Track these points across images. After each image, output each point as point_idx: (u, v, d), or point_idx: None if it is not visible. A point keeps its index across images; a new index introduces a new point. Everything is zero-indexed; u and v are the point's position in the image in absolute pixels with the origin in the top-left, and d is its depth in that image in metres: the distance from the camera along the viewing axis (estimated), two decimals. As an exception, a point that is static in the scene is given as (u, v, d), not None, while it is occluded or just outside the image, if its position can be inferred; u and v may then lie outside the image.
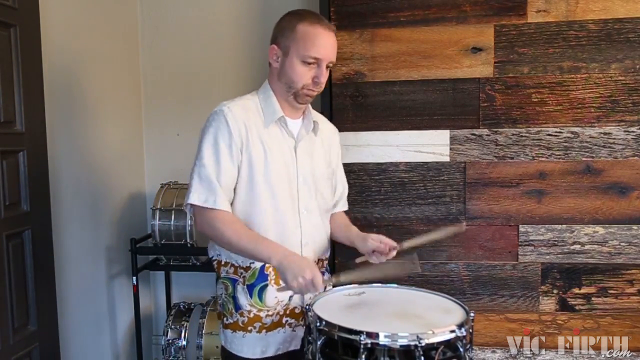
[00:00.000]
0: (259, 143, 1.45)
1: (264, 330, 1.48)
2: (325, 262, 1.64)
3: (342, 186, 1.74)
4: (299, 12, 1.48)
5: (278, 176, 1.47)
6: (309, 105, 1.56)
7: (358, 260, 1.58)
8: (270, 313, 1.49)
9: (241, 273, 1.49)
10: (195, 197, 1.41)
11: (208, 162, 1.41)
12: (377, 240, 1.53)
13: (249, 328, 1.48)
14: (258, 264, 1.47)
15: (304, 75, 1.44)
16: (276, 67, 1.48)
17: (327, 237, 1.63)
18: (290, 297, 1.50)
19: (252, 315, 1.48)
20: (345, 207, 1.75)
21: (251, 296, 1.48)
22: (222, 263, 1.53)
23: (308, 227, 1.52)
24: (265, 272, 1.48)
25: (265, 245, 1.39)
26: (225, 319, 1.52)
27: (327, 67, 1.46)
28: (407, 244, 1.53)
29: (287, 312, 1.50)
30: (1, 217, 1.72)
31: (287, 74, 1.45)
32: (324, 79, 1.46)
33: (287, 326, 1.50)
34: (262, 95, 1.52)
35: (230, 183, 1.44)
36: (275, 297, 1.48)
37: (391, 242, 1.52)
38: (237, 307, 1.49)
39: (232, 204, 1.46)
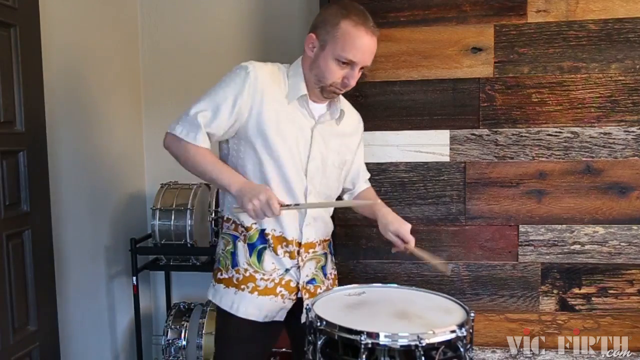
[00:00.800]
0: (274, 114, 1.44)
1: (256, 292, 1.49)
2: (328, 243, 1.65)
3: (364, 170, 1.76)
4: (346, 7, 1.43)
5: (287, 150, 1.45)
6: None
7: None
8: (265, 277, 1.49)
9: (242, 231, 1.50)
10: (179, 130, 1.44)
11: (207, 107, 1.43)
12: (394, 234, 1.54)
13: (242, 287, 1.49)
14: (259, 226, 1.48)
15: (335, 73, 1.43)
16: (310, 56, 1.47)
17: (329, 220, 1.63)
18: (287, 269, 1.50)
19: (247, 274, 1.49)
20: (367, 185, 1.78)
21: (250, 255, 1.49)
22: (225, 219, 1.56)
23: (311, 209, 1.52)
24: (265, 237, 1.49)
25: (228, 173, 1.43)
26: (219, 273, 1.54)
27: (361, 68, 1.46)
28: (414, 251, 1.56)
29: (283, 282, 1.50)
30: (1, 217, 1.72)
31: (319, 68, 1.44)
32: (353, 81, 1.45)
33: (279, 296, 1.50)
34: (292, 72, 1.51)
35: (217, 133, 1.45)
36: (273, 263, 1.49)
37: (407, 238, 1.53)
38: (234, 264, 1.50)
39: (243, 165, 1.49)
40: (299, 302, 1.53)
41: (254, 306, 1.49)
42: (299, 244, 1.51)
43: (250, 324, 1.50)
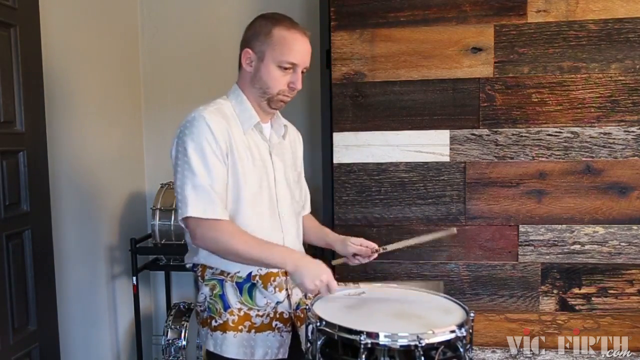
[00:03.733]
0: (242, 149, 1.44)
1: (253, 330, 1.46)
2: None
3: (306, 189, 1.75)
4: (274, 17, 1.45)
5: (260, 181, 1.46)
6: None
7: (335, 262, 1.61)
8: (260, 313, 1.47)
9: (227, 274, 1.47)
10: (193, 209, 1.34)
11: (198, 170, 1.35)
12: (357, 244, 1.56)
13: (240, 327, 1.45)
14: (244, 273, 1.45)
15: (280, 80, 1.43)
16: (249, 71, 1.46)
17: (301, 239, 1.63)
18: (278, 302, 1.48)
19: (242, 313, 1.46)
20: (309, 210, 1.76)
21: (241, 294, 1.46)
22: (208, 266, 1.49)
23: (288, 230, 1.52)
24: (253, 281, 1.46)
25: (277, 251, 1.40)
26: (213, 321, 1.47)
27: (302, 72, 1.46)
28: (391, 247, 1.56)
29: (277, 315, 1.48)
30: (1, 217, 1.72)
31: (262, 79, 1.44)
32: (299, 83, 1.45)
33: (276, 330, 1.48)
34: (234, 101, 1.49)
35: (224, 190, 1.39)
36: (265, 298, 1.47)
37: (372, 245, 1.55)
38: (226, 307, 1.46)
39: None
40: (295, 334, 1.51)
41: (252, 344, 1.46)
42: (286, 273, 1.47)
43: None
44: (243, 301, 1.46)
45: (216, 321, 1.47)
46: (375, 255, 1.58)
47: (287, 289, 1.49)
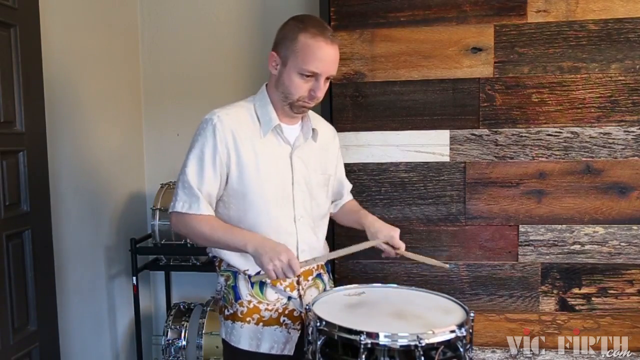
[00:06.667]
0: (252, 152, 1.44)
1: (261, 323, 1.48)
2: (322, 266, 1.64)
3: (345, 185, 1.77)
4: (302, 21, 1.43)
5: (272, 184, 1.46)
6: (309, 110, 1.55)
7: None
8: (269, 307, 1.49)
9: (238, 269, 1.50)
10: (180, 205, 1.44)
11: (191, 172, 1.43)
12: (385, 240, 1.54)
13: (248, 319, 1.48)
14: (252, 272, 1.47)
15: (301, 87, 1.42)
16: (274, 74, 1.46)
17: (323, 243, 1.63)
18: (289, 297, 1.50)
19: (251, 306, 1.48)
20: (350, 196, 1.79)
21: (252, 286, 1.49)
22: (219, 260, 1.55)
23: (304, 234, 1.52)
24: (262, 280, 1.48)
25: (240, 234, 1.42)
26: (226, 310, 1.53)
27: (327, 78, 1.44)
28: (406, 254, 1.54)
29: (286, 312, 1.50)
30: (1, 217, 1.72)
31: (284, 84, 1.43)
32: (320, 92, 1.43)
33: (283, 326, 1.50)
34: (258, 103, 1.51)
35: (213, 192, 1.45)
36: (276, 293, 1.49)
37: (397, 245, 1.53)
38: (237, 297, 1.49)
39: (226, 212, 1.49)
40: (303, 334, 1.50)
41: (259, 336, 1.48)
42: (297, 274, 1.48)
43: (258, 357, 1.48)
44: (254, 294, 1.49)
45: (228, 310, 1.52)
46: (397, 255, 1.55)
47: (298, 290, 1.50)
